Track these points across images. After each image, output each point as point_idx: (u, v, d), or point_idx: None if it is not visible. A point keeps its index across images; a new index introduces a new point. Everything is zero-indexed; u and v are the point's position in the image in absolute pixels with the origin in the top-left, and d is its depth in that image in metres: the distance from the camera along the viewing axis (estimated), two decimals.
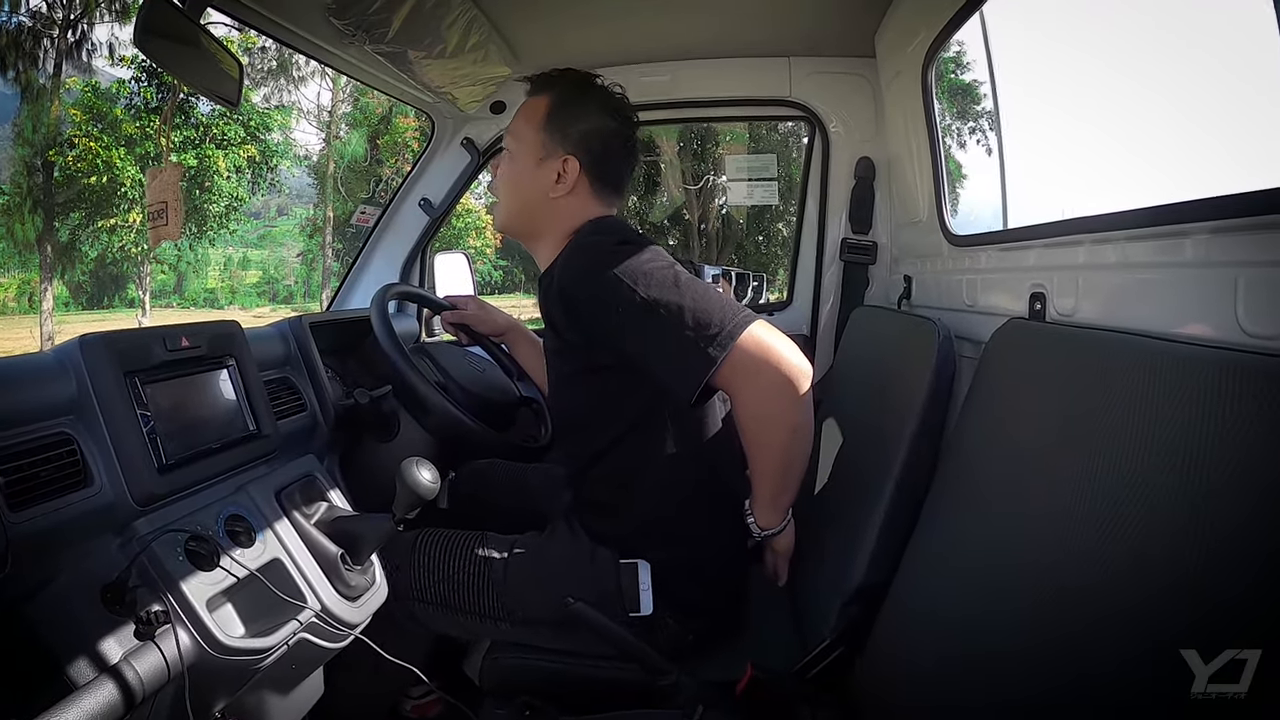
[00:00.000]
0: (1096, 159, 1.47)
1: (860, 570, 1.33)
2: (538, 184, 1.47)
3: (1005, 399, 1.19)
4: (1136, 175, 1.30)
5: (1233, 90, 1.06)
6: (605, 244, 1.37)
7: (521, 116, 1.50)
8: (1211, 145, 1.12)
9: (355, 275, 2.43)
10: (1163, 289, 1.00)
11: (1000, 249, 1.53)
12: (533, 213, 1.50)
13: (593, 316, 1.33)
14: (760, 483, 1.37)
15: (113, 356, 1.15)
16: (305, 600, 1.22)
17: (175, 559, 1.10)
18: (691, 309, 1.24)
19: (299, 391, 1.61)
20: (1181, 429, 0.78)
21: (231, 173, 18.74)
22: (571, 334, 1.38)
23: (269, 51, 20.90)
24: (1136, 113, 1.33)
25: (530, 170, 1.47)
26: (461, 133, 2.39)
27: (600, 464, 1.45)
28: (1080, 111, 1.50)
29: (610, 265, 1.30)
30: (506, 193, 1.52)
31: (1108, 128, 1.43)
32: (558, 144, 1.46)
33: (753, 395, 1.25)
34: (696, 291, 1.27)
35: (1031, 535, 0.97)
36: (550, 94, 1.48)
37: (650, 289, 1.26)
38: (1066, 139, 1.57)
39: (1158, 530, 0.78)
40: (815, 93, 2.35)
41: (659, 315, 1.24)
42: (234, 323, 1.42)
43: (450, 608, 1.48)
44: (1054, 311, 1.26)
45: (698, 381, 1.22)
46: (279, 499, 1.33)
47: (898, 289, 2.10)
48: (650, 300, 1.25)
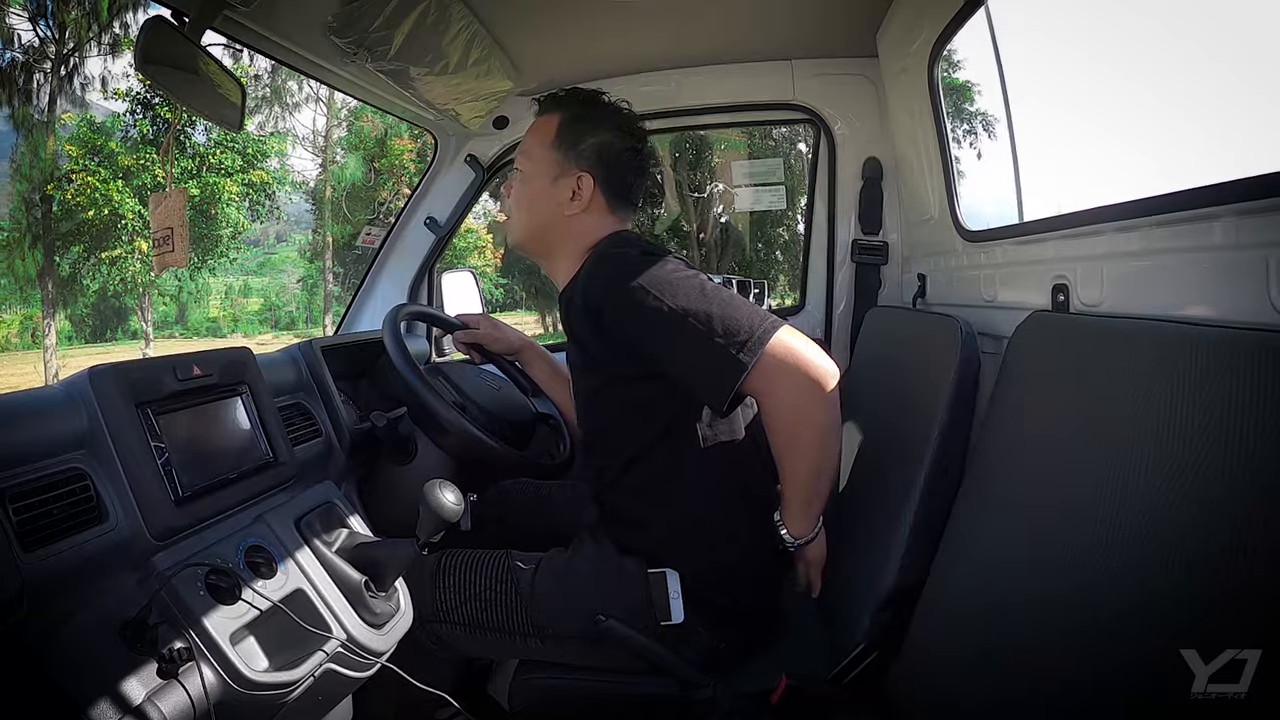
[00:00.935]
0: (1110, 148, 1.45)
1: (892, 573, 1.32)
2: (553, 202, 1.49)
3: (1033, 392, 1.18)
4: (1152, 163, 1.28)
5: (1247, 73, 1.05)
6: (628, 256, 1.37)
7: (533, 136, 1.51)
8: (1227, 130, 1.11)
9: (363, 297, 2.40)
10: (1191, 274, 1.00)
11: (1017, 243, 1.51)
12: (549, 231, 1.51)
13: (620, 328, 1.33)
14: (792, 489, 1.36)
15: (123, 388, 1.12)
16: (330, 630, 1.20)
17: (196, 594, 1.07)
18: (720, 316, 1.25)
19: (313, 417, 1.59)
20: (1220, 411, 0.77)
21: (236, 199, 18.77)
22: (598, 347, 1.38)
23: (262, 79, 21.02)
24: (1150, 99, 1.32)
25: (545, 189, 1.49)
26: (465, 149, 2.38)
27: (629, 475, 1.44)
28: (1092, 101, 1.48)
29: (635, 276, 1.30)
30: (522, 212, 1.52)
31: (1121, 116, 1.42)
32: (571, 161, 1.48)
33: (783, 399, 1.26)
34: (723, 299, 1.28)
35: (1066, 531, 0.95)
36: (560, 112, 1.50)
37: (678, 298, 1.27)
38: (1080, 130, 1.55)
39: (1198, 524, 0.77)
40: (819, 94, 2.33)
41: (688, 324, 1.25)
42: (245, 349, 1.40)
43: (478, 627, 1.46)
44: (1078, 302, 1.25)
45: (730, 388, 1.23)
46: (299, 527, 1.31)
47: (912, 288, 2.09)
48: (678, 310, 1.26)
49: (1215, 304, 0.95)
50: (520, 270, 23.14)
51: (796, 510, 1.38)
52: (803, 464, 1.32)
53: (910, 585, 1.30)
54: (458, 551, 1.53)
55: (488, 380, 1.81)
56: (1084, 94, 1.50)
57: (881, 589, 1.33)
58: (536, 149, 1.50)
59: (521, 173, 1.52)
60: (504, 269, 24.16)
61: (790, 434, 1.29)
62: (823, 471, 1.33)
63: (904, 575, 1.31)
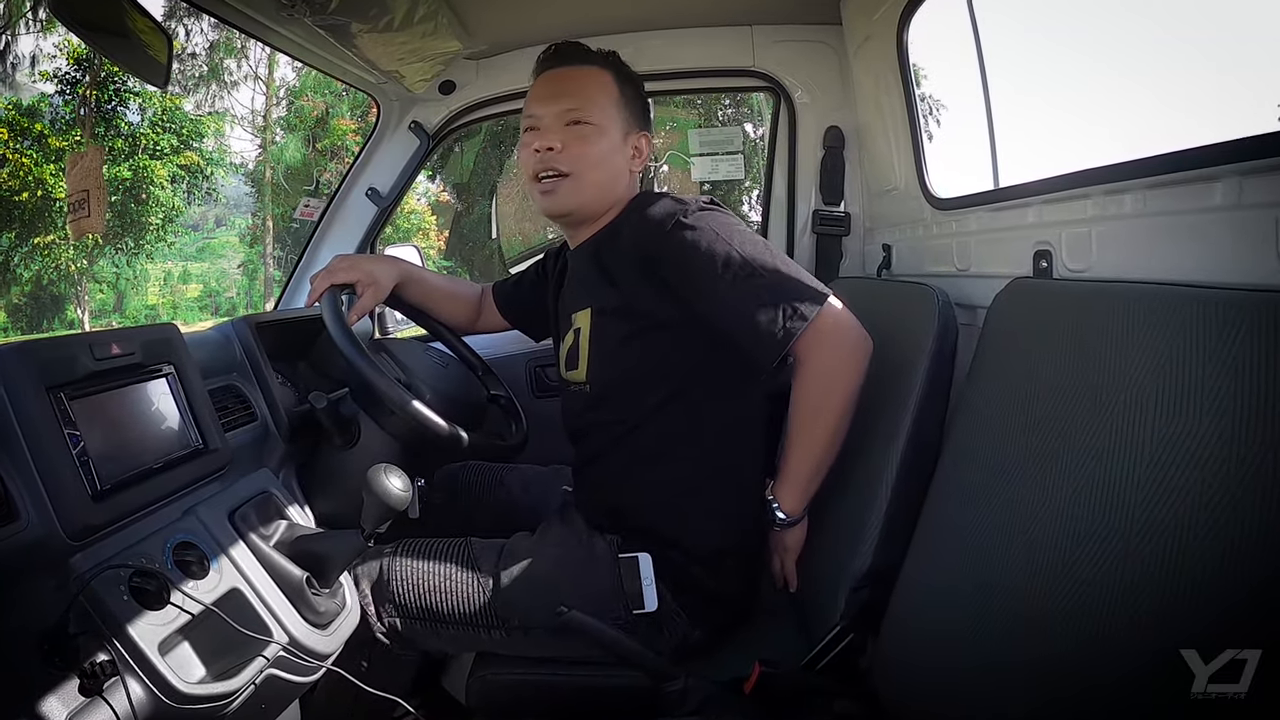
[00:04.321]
0: (1092, 110, 1.42)
1: (868, 551, 1.28)
2: (623, 159, 1.48)
3: (1014, 363, 1.13)
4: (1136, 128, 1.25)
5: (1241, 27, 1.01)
6: (690, 204, 1.35)
7: (597, 89, 1.46)
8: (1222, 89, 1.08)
9: (302, 272, 2.27)
10: (1189, 236, 0.97)
11: (993, 209, 1.46)
12: (612, 190, 1.48)
13: (680, 269, 1.32)
14: (800, 458, 1.35)
15: (31, 370, 1.00)
16: (270, 633, 1.12)
17: (119, 599, 0.97)
18: (785, 272, 1.29)
19: (248, 399, 1.47)
20: (1223, 379, 0.75)
21: (167, 183, 18.21)
22: (642, 288, 1.36)
23: (199, 58, 20.41)
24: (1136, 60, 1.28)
25: (618, 147, 1.47)
26: (409, 116, 2.26)
27: (639, 432, 1.42)
28: (1073, 63, 1.44)
29: (704, 223, 1.31)
30: (594, 170, 1.45)
31: (1103, 79, 1.38)
32: (633, 122, 1.49)
33: (824, 361, 1.28)
34: (783, 257, 1.33)
35: (1051, 507, 0.93)
36: (611, 71, 1.49)
37: (745, 247, 1.29)
38: (1060, 92, 1.51)
39: (1194, 501, 0.75)
40: (779, 62, 2.26)
41: (755, 274, 1.27)
42: (171, 325, 1.29)
43: (437, 620, 1.39)
44: (1063, 269, 1.21)
45: (785, 344, 1.25)
46: (233, 520, 1.22)
47: (876, 259, 2.04)
48: (746, 259, 1.28)
49: (1217, 266, 0.92)
50: (464, 252, 22.84)
51: (798, 484, 1.37)
52: (823, 430, 1.31)
53: (888, 564, 1.26)
54: (414, 541, 1.45)
55: (434, 357, 1.70)
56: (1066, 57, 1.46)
57: (857, 568, 1.29)
58: (607, 104, 1.46)
59: (594, 127, 1.44)
60: (447, 251, 23.86)
61: (821, 397, 1.30)
62: (835, 442, 1.33)
63: (881, 554, 1.27)
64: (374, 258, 1.66)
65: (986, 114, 1.68)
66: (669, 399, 1.39)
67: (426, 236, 22.20)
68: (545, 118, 1.44)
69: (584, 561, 1.38)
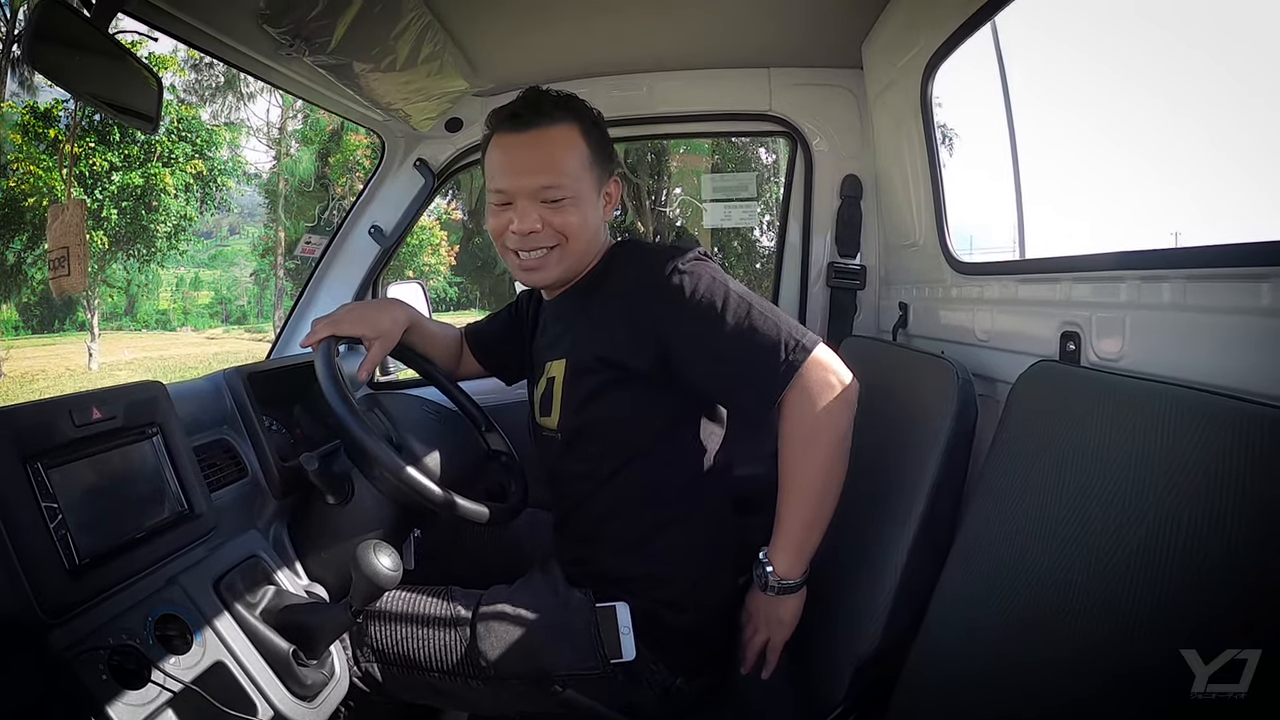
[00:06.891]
0: (1130, 187, 1.36)
1: (876, 632, 1.24)
2: (599, 216, 1.44)
3: (1040, 453, 1.07)
4: (1181, 211, 1.20)
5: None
6: (676, 253, 1.34)
7: (567, 153, 1.37)
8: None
9: (300, 312, 2.20)
10: (1231, 337, 0.91)
11: (1019, 280, 1.41)
12: (595, 245, 1.45)
13: (663, 320, 1.30)
14: (790, 511, 1.30)
15: (6, 442, 0.96)
16: (255, 709, 1.09)
17: (98, 679, 0.94)
18: (774, 320, 1.26)
19: (238, 455, 1.43)
20: (1270, 494, 0.73)
21: (180, 191, 18.26)
22: (623, 338, 1.33)
23: (216, 68, 20.55)
24: (1177, 141, 1.23)
25: (595, 205, 1.42)
26: (414, 153, 2.20)
27: (615, 481, 1.40)
28: (1110, 134, 1.39)
29: (683, 271, 1.30)
30: (583, 238, 1.41)
31: (1143, 155, 1.33)
32: (603, 171, 1.44)
33: (813, 406, 1.24)
34: (766, 304, 1.30)
35: (1066, 607, 0.91)
36: (575, 121, 1.40)
37: (730, 296, 1.28)
38: (1094, 164, 1.46)
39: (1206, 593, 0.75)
40: (796, 106, 2.21)
41: (745, 324, 1.26)
42: (156, 384, 1.25)
43: (415, 667, 1.38)
44: (1092, 354, 1.16)
45: (779, 390, 1.23)
46: (218, 590, 1.17)
47: (891, 316, 1.98)
48: (736, 309, 1.26)
49: (1259, 374, 0.87)
50: (475, 269, 22.88)
51: (790, 541, 1.31)
52: (811, 481, 1.27)
53: (896, 647, 1.21)
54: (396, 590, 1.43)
55: (429, 412, 1.62)
56: (1102, 123, 1.41)
57: (864, 648, 1.25)
58: (578, 168, 1.38)
59: (573, 198, 1.37)
60: (458, 268, 23.89)
61: (808, 440, 1.26)
62: (826, 495, 1.28)
63: (890, 632, 1.23)
64: (380, 305, 1.59)
65: (1015, 180, 1.62)
66: (637, 454, 1.37)
67: (436, 252, 22.27)
68: (518, 195, 1.37)
69: (558, 611, 1.38)
